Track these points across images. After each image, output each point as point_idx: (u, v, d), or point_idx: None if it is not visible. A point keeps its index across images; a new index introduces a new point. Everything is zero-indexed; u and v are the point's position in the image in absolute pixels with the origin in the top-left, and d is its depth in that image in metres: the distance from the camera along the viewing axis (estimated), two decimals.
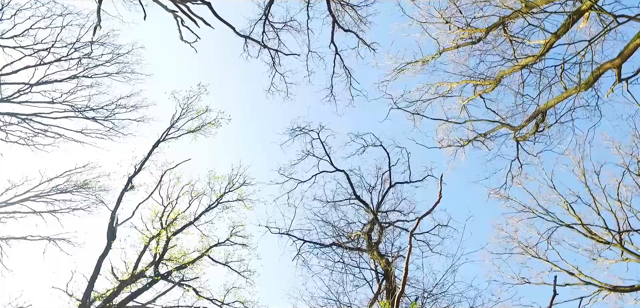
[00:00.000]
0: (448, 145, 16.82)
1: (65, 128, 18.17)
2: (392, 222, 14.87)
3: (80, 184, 16.64)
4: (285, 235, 14.53)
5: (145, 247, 15.15)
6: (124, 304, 13.56)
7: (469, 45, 14.27)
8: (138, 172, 17.20)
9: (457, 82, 15.72)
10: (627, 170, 16.84)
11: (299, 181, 16.23)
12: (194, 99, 19.79)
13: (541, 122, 15.24)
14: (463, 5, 13.99)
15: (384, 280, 12.03)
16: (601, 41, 12.73)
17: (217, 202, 17.16)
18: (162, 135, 19.31)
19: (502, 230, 17.91)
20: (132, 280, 14.04)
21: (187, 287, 15.14)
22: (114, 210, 15.38)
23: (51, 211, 16.09)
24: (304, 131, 16.20)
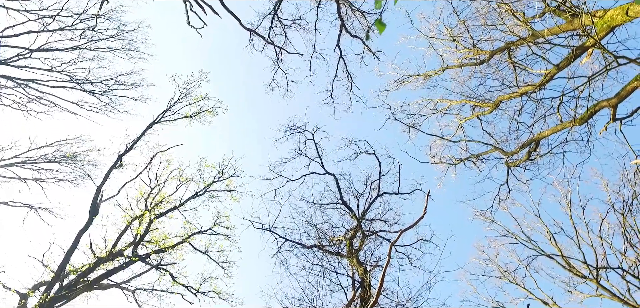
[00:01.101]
0: (440, 161, 16.56)
1: (61, 98, 17.66)
2: (376, 231, 14.42)
3: (69, 156, 16.08)
4: (268, 231, 14.05)
5: (127, 226, 14.63)
6: (98, 280, 13.03)
7: (472, 66, 14.12)
8: (129, 150, 16.70)
9: (457, 101, 15.56)
10: (612, 208, 16.76)
11: (288, 179, 15.76)
12: (194, 85, 19.33)
13: (534, 151, 15.05)
14: (471, 26, 13.80)
15: (360, 288, 11.59)
16: (601, 79, 12.53)
17: (204, 190, 16.67)
18: (158, 116, 18.84)
19: (483, 252, 17.70)
20: (109, 257, 13.51)
21: (164, 271, 14.63)
22: (100, 185, 14.86)
23: (36, 179, 15.54)
24: (299, 130, 15.74)
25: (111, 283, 13.57)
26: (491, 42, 13.74)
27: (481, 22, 14.18)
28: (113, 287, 13.65)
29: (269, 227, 14.15)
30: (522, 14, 13.63)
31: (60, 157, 15.82)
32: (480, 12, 14.18)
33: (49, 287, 12.20)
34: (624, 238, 16.58)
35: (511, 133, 15.33)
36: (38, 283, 12.37)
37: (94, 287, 13.03)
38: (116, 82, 19.04)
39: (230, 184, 16.97)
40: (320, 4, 16.01)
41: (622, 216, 16.61)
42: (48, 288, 12.18)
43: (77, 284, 12.52)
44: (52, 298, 11.86)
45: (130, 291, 14.11)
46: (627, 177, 16.21)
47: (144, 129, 17.95)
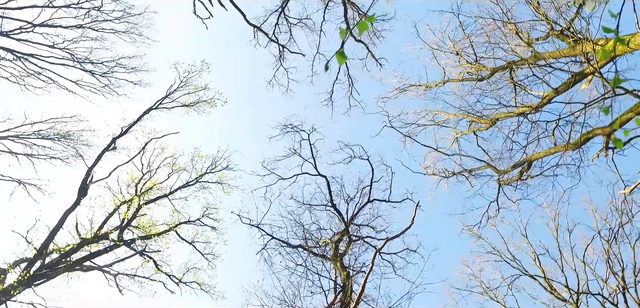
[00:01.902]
0: (433, 173, 16.35)
1: (60, 75, 17.24)
2: (362, 237, 14.12)
3: (63, 134, 15.66)
4: (256, 227, 13.72)
5: (115, 210, 14.23)
6: (80, 262, 12.65)
7: (473, 81, 13.94)
8: (124, 134, 16.30)
9: (455, 115, 15.43)
10: (598, 235, 16.68)
11: (280, 177, 15.43)
12: (195, 75, 18.93)
13: (525, 171, 14.88)
14: (475, 42, 13.52)
15: (341, 292, 11.28)
16: (598, 106, 12.39)
17: (196, 181, 16.27)
18: (156, 103, 18.45)
19: (467, 266, 17.48)
20: (94, 240, 13.13)
21: (148, 258, 14.23)
22: (91, 166, 14.46)
23: (28, 154, 15.12)
24: (295, 129, 15.43)
25: (93, 265, 13.19)
26: (494, 60, 13.62)
27: (485, 39, 14.09)
28: (95, 270, 13.28)
29: (256, 223, 13.85)
30: (526, 35, 13.49)
31: (53, 134, 15.43)
32: (484, 29, 14.08)
33: (30, 264, 11.83)
34: (607, 265, 16.45)
35: (505, 151, 15.22)
36: (19, 259, 11.99)
37: (76, 268, 12.66)
38: (117, 65, 18.64)
39: (222, 177, 16.62)
40: (328, 5, 15.78)
41: (607, 243, 16.50)
42: (29, 265, 11.81)
43: (59, 264, 12.16)
44: (31, 276, 11.49)
45: (112, 275, 13.74)
46: (615, 206, 16.09)
47: (141, 114, 17.57)
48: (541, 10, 12.99)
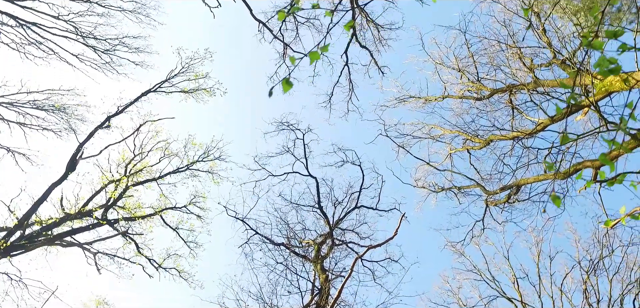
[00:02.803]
0: (423, 186, 16.11)
1: (61, 47, 16.81)
2: (346, 242, 13.77)
3: (58, 106, 15.21)
4: (241, 221, 13.36)
5: (102, 188, 13.81)
6: (61, 237, 12.23)
7: (472, 100, 13.83)
8: (119, 113, 15.88)
9: (450, 130, 15.30)
10: (578, 264, 16.49)
11: (270, 174, 15.08)
12: (198, 62, 18.55)
13: (513, 195, 14.65)
14: (477, 61, 13.40)
15: (318, 295, 10.94)
16: (591, 139, 12.25)
17: (187, 167, 15.84)
18: (155, 85, 18.05)
19: (447, 282, 17.22)
20: (77, 215, 12.71)
21: (130, 240, 13.82)
22: (82, 142, 14.05)
23: (20, 123, 14.67)
24: (290, 128, 15.09)
25: (74, 241, 12.79)
26: (494, 81, 13.54)
27: (488, 59, 14.01)
28: (75, 246, 12.88)
29: (242, 217, 13.49)
30: (530, 60, 13.33)
31: (48, 105, 14.99)
32: (488, 49, 13.98)
33: (9, 233, 11.41)
34: (584, 296, 16.27)
35: (495, 173, 15.05)
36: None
37: (56, 242, 12.25)
38: (121, 43, 18.21)
39: (213, 166, 16.22)
40: (337, 8, 15.50)
41: (586, 274, 16.34)
42: (8, 235, 11.39)
43: (39, 236, 11.75)
44: (9, 246, 11.08)
45: (92, 253, 13.33)
46: (597, 238, 15.89)
47: (139, 95, 17.17)
48: (546, 38, 12.88)
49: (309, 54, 2.44)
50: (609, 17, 11.79)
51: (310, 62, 2.56)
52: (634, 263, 14.83)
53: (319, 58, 2.48)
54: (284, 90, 2.44)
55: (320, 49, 2.49)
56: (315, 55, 2.43)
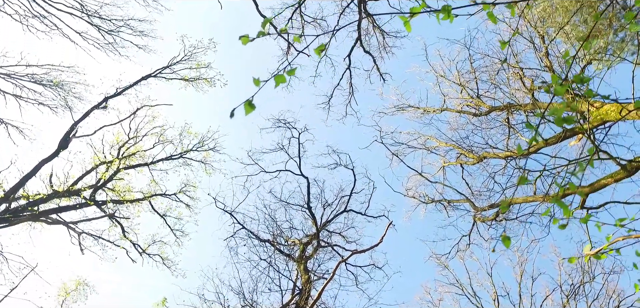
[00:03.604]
0: (413, 196, 15.92)
1: (65, 23, 16.49)
2: (331, 244, 13.53)
3: (56, 83, 14.91)
4: (229, 214, 13.10)
5: (93, 168, 13.52)
6: (47, 213, 11.95)
7: (470, 115, 13.79)
8: (117, 95, 15.58)
9: (446, 144, 15.16)
10: (560, 288, 16.32)
11: (263, 170, 14.84)
12: (201, 51, 18.25)
13: (502, 213, 14.47)
14: (479, 78, 13.36)
15: (298, 295, 10.69)
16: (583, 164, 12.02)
17: (180, 155, 15.54)
18: (156, 70, 17.76)
19: (428, 293, 17.02)
20: (65, 194, 12.41)
21: (116, 223, 13.54)
22: (77, 120, 13.76)
23: (16, 95, 14.36)
24: (287, 126, 14.84)
25: (59, 219, 12.49)
26: (493, 99, 13.49)
27: (489, 77, 13.97)
28: (60, 224, 12.60)
29: (230, 210, 13.24)
30: (530, 81, 13.21)
31: (47, 80, 14.69)
32: (490, 67, 13.93)
33: None
34: None
35: (485, 190, 14.91)
36: None
37: (41, 219, 11.97)
38: (125, 25, 17.88)
39: (207, 157, 15.92)
40: (345, 11, 15.32)
41: (566, 298, 16.19)
42: None
43: (25, 211, 11.47)
44: None
45: (77, 233, 13.04)
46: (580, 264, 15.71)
47: (139, 79, 16.88)
48: (547, 61, 12.79)
49: (274, 77, 2.41)
50: (612, 47, 11.66)
51: (275, 85, 2.49)
52: (614, 292, 14.66)
53: (285, 81, 2.44)
54: (246, 112, 2.41)
55: (286, 72, 2.46)
56: (281, 79, 2.41)
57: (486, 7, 3.10)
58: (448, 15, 3.04)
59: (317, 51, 2.42)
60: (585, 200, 12.04)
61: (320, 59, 16.17)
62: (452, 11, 3.00)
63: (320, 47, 2.41)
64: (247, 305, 10.29)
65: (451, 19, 3.04)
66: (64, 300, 12.00)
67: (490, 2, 3.11)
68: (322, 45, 2.79)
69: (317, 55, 2.63)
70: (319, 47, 2.73)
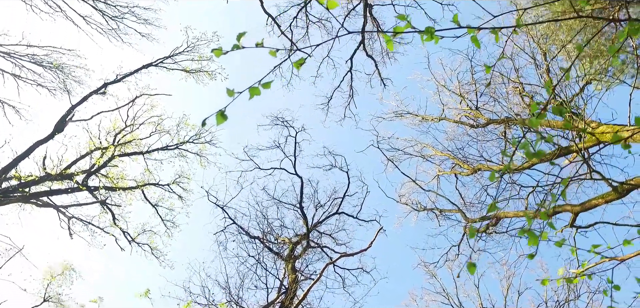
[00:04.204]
0: (405, 203, 15.87)
1: (69, 6, 16.34)
2: (321, 245, 13.44)
3: (56, 65, 14.79)
4: (220, 208, 13.01)
5: (88, 153, 13.39)
6: (38, 195, 11.84)
7: (468, 126, 13.78)
8: (117, 81, 15.45)
9: (441, 153, 15.15)
10: (545, 304, 16.28)
11: (257, 166, 14.75)
12: (204, 44, 18.11)
13: (492, 226, 14.44)
14: (479, 90, 13.36)
15: (284, 294, 10.60)
16: (576, 184, 12.12)
17: (176, 146, 15.40)
18: (158, 60, 17.61)
19: (414, 301, 16.95)
20: (58, 177, 12.30)
21: (107, 210, 13.44)
22: (75, 104, 13.64)
23: (15, 75, 14.24)
24: (284, 124, 14.75)
25: (50, 202, 12.40)
26: (492, 112, 13.50)
27: (488, 90, 13.93)
28: (50, 207, 12.51)
29: (222, 204, 13.14)
30: (530, 97, 13.18)
31: (47, 62, 14.55)
32: (490, 80, 13.88)
33: None
34: None
35: (478, 202, 14.86)
36: None
37: (31, 201, 11.88)
38: (130, 11, 17.73)
39: (203, 150, 15.80)
40: (350, 15, 15.24)
41: None
42: None
43: (15, 192, 11.37)
44: None
45: (67, 217, 12.96)
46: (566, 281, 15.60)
47: (140, 67, 16.74)
48: (548, 78, 12.77)
49: (249, 89, 2.39)
50: (612, 68, 11.59)
51: (249, 97, 2.45)
52: None
53: (259, 93, 2.43)
54: (218, 123, 2.40)
55: (261, 85, 2.41)
56: (256, 91, 2.40)
57: (470, 31, 2.99)
58: (431, 37, 2.97)
59: (252, 92, 2.38)
60: (576, 219, 12.03)
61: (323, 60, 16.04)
62: (436, 33, 2.92)
63: (254, 90, 2.38)
64: (233, 301, 10.22)
65: (436, 41, 2.97)
66: (48, 284, 11.93)
67: (475, 27, 3.02)
68: (302, 59, 2.74)
69: (296, 68, 2.57)
70: (299, 61, 2.67)
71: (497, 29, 3.00)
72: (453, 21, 2.92)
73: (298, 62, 2.90)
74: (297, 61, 2.86)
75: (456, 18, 2.92)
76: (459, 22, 2.94)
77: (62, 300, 11.84)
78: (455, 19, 2.92)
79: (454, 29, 2.99)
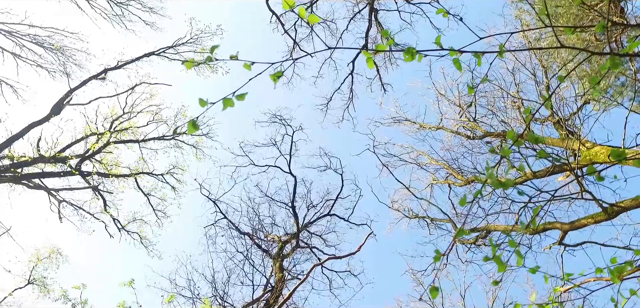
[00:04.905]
0: (397, 209, 15.81)
1: None
2: (310, 246, 13.36)
3: (58, 47, 14.66)
4: (212, 202, 12.92)
5: (83, 138, 13.26)
6: (29, 177, 11.73)
7: (465, 137, 13.79)
8: (118, 68, 15.31)
9: (436, 161, 15.13)
10: None
11: (252, 163, 14.66)
12: (207, 36, 17.99)
13: (482, 238, 14.39)
14: (478, 102, 13.43)
15: (270, 293, 10.52)
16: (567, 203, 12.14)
17: (172, 136, 15.29)
18: (160, 49, 17.47)
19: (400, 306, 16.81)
20: (51, 159, 12.17)
21: (99, 196, 13.33)
22: (74, 88, 13.51)
23: (15, 54, 14.12)
24: (282, 122, 14.66)
25: (41, 185, 12.28)
26: (490, 126, 13.51)
27: (487, 102, 13.99)
28: (41, 190, 12.40)
29: (214, 198, 13.05)
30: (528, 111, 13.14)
31: (48, 44, 14.43)
32: (489, 93, 13.93)
33: None
34: None
35: (469, 213, 14.82)
36: None
37: (22, 182, 11.77)
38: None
39: (199, 142, 15.70)
40: (355, 17, 15.21)
41: None
42: None
43: (7, 172, 11.26)
44: None
45: (57, 200, 12.84)
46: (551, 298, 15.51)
47: (141, 55, 16.59)
48: (547, 94, 12.76)
49: (223, 100, 2.36)
50: (612, 89, 11.53)
51: (223, 108, 2.42)
52: None
53: (233, 105, 2.40)
54: (189, 132, 2.42)
55: (236, 97, 2.38)
56: (229, 103, 2.37)
57: (452, 53, 2.92)
58: (412, 57, 2.90)
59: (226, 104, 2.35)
60: (565, 237, 12.04)
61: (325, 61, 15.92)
62: (419, 52, 2.87)
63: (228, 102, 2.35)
64: (218, 295, 10.14)
65: (420, 59, 2.91)
66: (34, 266, 11.83)
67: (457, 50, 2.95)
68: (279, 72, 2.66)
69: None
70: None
71: (479, 53, 2.92)
72: (436, 43, 2.86)
73: (275, 74, 2.87)
74: (274, 74, 2.84)
75: (438, 40, 2.87)
76: (441, 44, 2.89)
77: (46, 283, 11.78)
78: (438, 41, 2.87)
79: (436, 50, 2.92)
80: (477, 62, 3.05)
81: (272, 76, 2.82)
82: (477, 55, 2.99)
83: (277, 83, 2.77)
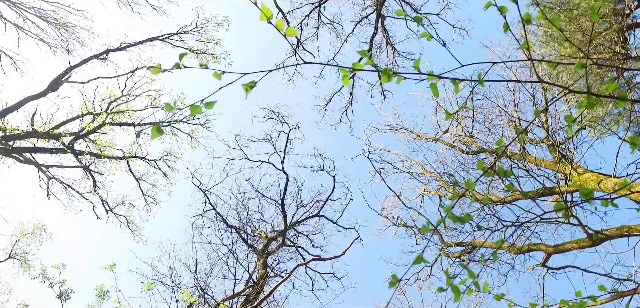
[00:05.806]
0: (386, 216, 15.76)
1: None
2: (296, 245, 13.25)
3: (61, 23, 14.48)
4: (202, 192, 12.79)
5: (79, 116, 13.10)
6: (20, 151, 11.57)
7: (460, 151, 13.79)
8: (120, 49, 15.12)
9: (429, 172, 15.06)
10: None
11: (246, 157, 14.53)
12: (213, 27, 17.80)
13: (467, 254, 14.35)
14: (476, 118, 13.46)
15: (251, 288, 10.41)
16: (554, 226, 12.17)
17: (169, 123, 15.18)
18: (164, 35, 17.30)
19: None
20: (45, 135, 12.01)
21: (89, 176, 13.17)
22: (73, 65, 13.34)
23: (18, 26, 13.94)
24: (279, 119, 14.52)
25: (32, 160, 12.12)
26: (485, 142, 13.54)
27: (484, 118, 13.98)
28: (32, 165, 12.24)
29: (205, 189, 12.92)
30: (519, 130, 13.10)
31: (52, 18, 14.25)
32: (487, 109, 13.62)
33: None
34: None
35: (456, 227, 14.77)
36: None
37: (13, 155, 11.61)
38: None
39: (195, 131, 15.53)
40: (361, 22, 15.12)
41: None
42: None
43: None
44: None
45: (47, 177, 12.69)
46: None
47: (145, 39, 16.43)
48: (545, 116, 12.76)
49: (191, 106, 2.29)
50: (609, 116, 11.45)
51: (191, 115, 2.44)
52: None
53: (201, 112, 2.31)
54: (153, 136, 2.32)
55: (204, 104, 2.32)
56: (197, 109, 2.29)
57: (431, 77, 2.81)
58: (388, 78, 2.79)
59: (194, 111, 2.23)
60: (548, 259, 12.06)
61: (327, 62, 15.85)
62: (397, 74, 2.77)
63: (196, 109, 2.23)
64: (199, 286, 10.04)
65: (399, 80, 2.81)
66: (17, 241, 11.67)
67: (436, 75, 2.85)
68: (252, 82, 2.58)
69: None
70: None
71: (457, 81, 2.81)
72: (414, 67, 2.77)
73: (248, 84, 2.75)
74: (246, 84, 2.73)
75: (417, 64, 2.79)
76: (419, 68, 2.80)
77: (28, 259, 11.61)
78: (416, 65, 2.78)
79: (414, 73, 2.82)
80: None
81: (244, 86, 2.70)
82: (454, 82, 2.88)
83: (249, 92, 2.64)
